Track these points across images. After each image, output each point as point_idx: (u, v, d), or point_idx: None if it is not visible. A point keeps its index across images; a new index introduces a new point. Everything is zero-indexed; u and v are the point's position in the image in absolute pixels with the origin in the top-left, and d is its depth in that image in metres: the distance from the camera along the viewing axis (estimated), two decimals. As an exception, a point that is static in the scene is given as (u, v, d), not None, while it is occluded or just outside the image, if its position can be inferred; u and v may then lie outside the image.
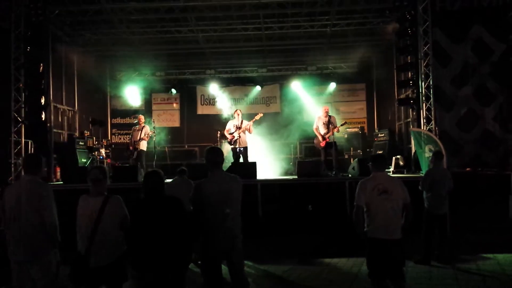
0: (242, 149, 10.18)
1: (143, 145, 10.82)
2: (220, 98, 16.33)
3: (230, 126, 10.42)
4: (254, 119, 10.36)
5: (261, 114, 10.67)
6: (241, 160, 10.12)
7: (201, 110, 16.74)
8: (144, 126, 10.85)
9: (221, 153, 4.29)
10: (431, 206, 6.49)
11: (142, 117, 11.19)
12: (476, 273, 5.93)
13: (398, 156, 10.60)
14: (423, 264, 6.29)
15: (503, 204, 8.65)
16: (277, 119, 15.09)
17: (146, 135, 10.63)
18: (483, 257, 6.68)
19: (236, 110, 10.63)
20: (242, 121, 10.31)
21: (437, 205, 6.47)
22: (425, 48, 9.96)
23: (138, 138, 10.64)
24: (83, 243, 3.81)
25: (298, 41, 13.49)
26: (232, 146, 10.27)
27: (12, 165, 9.76)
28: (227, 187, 4.03)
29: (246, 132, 10.27)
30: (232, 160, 10.14)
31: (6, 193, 4.04)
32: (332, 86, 15.84)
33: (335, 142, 10.06)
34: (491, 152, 10.40)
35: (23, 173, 4.34)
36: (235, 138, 10.19)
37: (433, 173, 6.60)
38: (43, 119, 10.42)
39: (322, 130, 10.21)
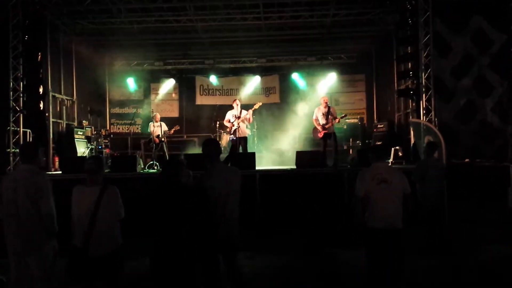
0: (241, 139, 10.16)
1: (165, 138, 11.47)
2: (219, 88, 16.28)
3: (229, 116, 10.38)
4: (253, 108, 10.31)
5: (260, 103, 10.61)
6: (240, 150, 10.12)
7: (200, 100, 16.66)
8: (161, 122, 11.39)
9: (218, 145, 4.30)
10: (422, 197, 6.47)
11: (158, 115, 11.72)
12: (474, 264, 5.94)
13: (397, 147, 10.62)
14: (428, 255, 6.25)
15: (501, 196, 8.66)
16: (277, 110, 15.09)
17: (169, 131, 11.37)
18: (481, 248, 6.68)
19: (235, 100, 10.58)
20: (241, 110, 10.26)
21: (428, 196, 6.42)
22: (425, 39, 9.90)
23: (160, 132, 11.21)
24: (80, 235, 3.76)
25: (298, 31, 13.39)
26: (232, 137, 10.25)
27: (11, 155, 9.79)
28: (226, 180, 4.03)
29: (246, 122, 10.25)
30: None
31: (3, 183, 3.98)
32: (332, 76, 15.76)
33: (334, 133, 10.02)
34: (489, 144, 10.40)
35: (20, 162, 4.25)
36: (234, 127, 10.15)
37: (425, 164, 6.60)
38: (41, 108, 10.40)
39: (322, 121, 10.15)
